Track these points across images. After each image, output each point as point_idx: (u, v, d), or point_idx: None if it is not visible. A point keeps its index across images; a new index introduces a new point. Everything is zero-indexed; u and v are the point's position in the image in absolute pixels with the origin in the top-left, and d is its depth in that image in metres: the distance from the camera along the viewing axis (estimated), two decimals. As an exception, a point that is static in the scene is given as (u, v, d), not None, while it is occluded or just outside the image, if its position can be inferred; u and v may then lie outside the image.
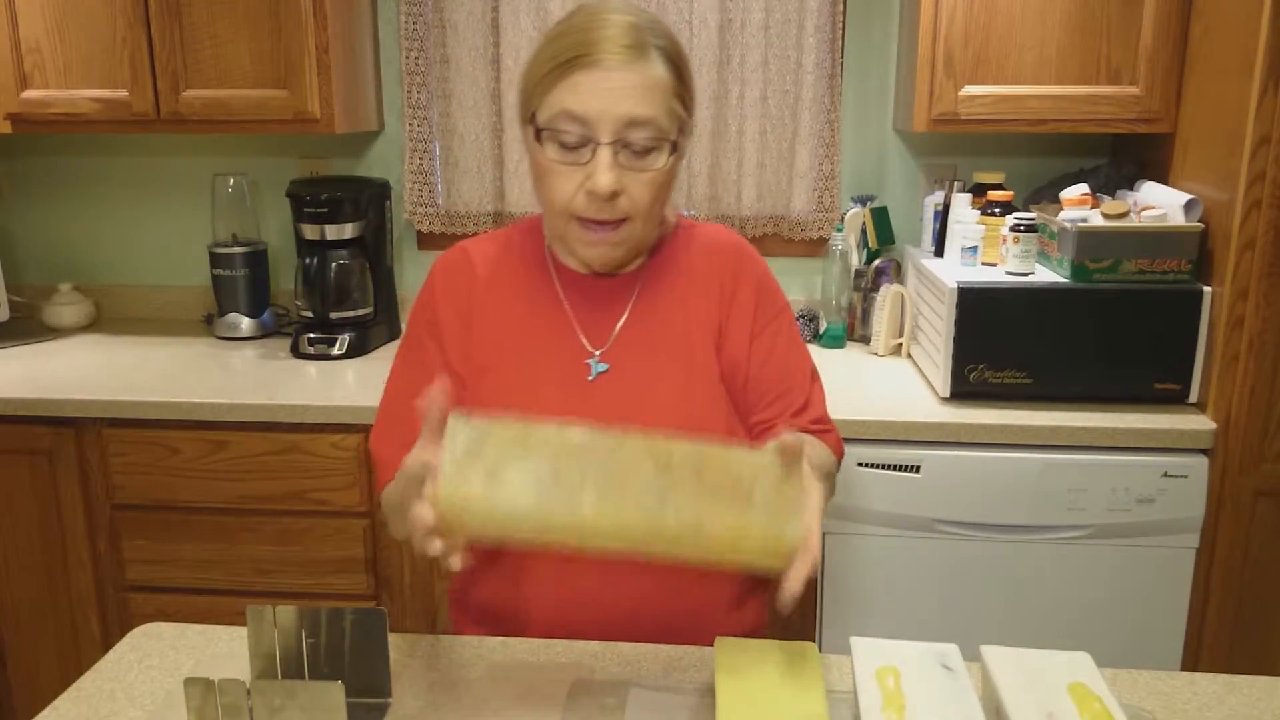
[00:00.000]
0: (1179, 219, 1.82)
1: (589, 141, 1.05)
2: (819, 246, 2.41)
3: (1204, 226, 1.81)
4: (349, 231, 2.23)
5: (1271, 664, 1.85)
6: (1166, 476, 1.77)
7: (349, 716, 0.92)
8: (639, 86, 1.04)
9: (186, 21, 2.09)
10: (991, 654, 0.93)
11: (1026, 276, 1.87)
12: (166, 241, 2.57)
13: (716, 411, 1.16)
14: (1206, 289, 1.79)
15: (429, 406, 0.88)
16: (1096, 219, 1.85)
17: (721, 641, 0.98)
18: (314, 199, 2.19)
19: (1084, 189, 1.93)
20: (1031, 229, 1.87)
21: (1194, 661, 1.86)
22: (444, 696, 1.02)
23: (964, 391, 1.87)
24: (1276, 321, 1.73)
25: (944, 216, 2.12)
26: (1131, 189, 2.04)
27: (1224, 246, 1.76)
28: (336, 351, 2.21)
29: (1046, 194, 2.16)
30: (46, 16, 2.11)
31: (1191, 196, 1.83)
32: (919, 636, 1.85)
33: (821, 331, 2.30)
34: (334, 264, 2.23)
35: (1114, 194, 2.06)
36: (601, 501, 0.84)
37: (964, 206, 2.04)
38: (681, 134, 1.10)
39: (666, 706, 0.98)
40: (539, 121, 1.07)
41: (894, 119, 2.35)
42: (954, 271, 1.93)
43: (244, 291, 2.38)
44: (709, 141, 2.31)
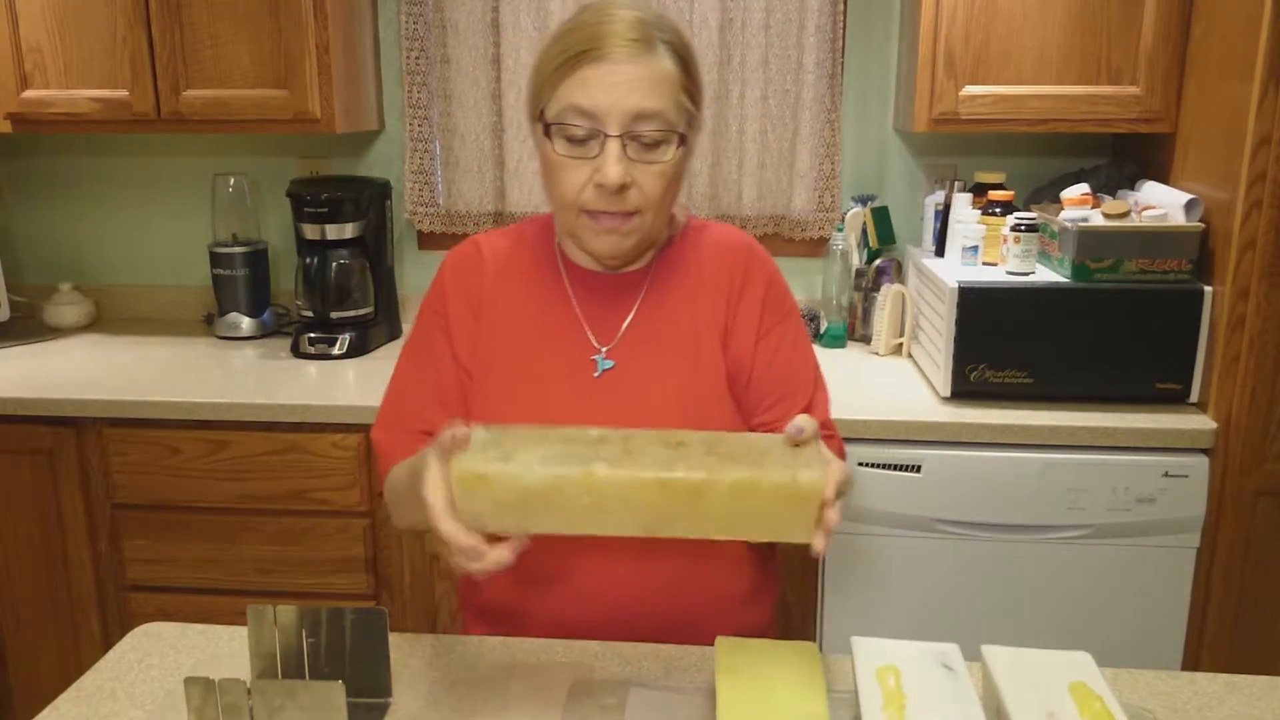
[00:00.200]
0: (1180, 219, 1.82)
1: (597, 135, 1.05)
2: (819, 246, 2.41)
3: (1205, 226, 1.81)
4: (349, 231, 2.23)
5: (1272, 663, 1.85)
6: (1167, 476, 1.77)
7: (349, 716, 0.92)
8: (646, 80, 1.04)
9: (187, 21, 2.09)
10: (992, 654, 0.93)
11: (1027, 276, 1.87)
12: (167, 241, 2.57)
13: (722, 410, 1.16)
14: (1207, 289, 1.79)
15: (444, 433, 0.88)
16: (1097, 219, 1.85)
17: (722, 641, 0.98)
18: (314, 199, 2.19)
19: (1085, 189, 1.93)
20: (1032, 229, 1.87)
21: (1194, 661, 1.86)
22: (444, 696, 1.02)
23: (965, 391, 1.87)
24: (1277, 321, 1.73)
25: (945, 216, 2.12)
26: (1132, 189, 2.04)
27: (1225, 246, 1.76)
28: (337, 351, 2.21)
29: (1047, 194, 2.16)
30: (47, 16, 2.11)
31: (1192, 196, 1.83)
32: (919, 636, 1.84)
33: (822, 331, 2.30)
34: (334, 264, 2.23)
35: (1115, 194, 2.06)
36: (613, 467, 0.85)
37: (965, 206, 2.04)
38: (690, 127, 1.11)
39: (667, 706, 0.97)
40: (547, 117, 1.08)
41: (895, 119, 2.34)
42: (955, 271, 1.93)
43: (244, 291, 2.38)
44: (709, 141, 2.31)
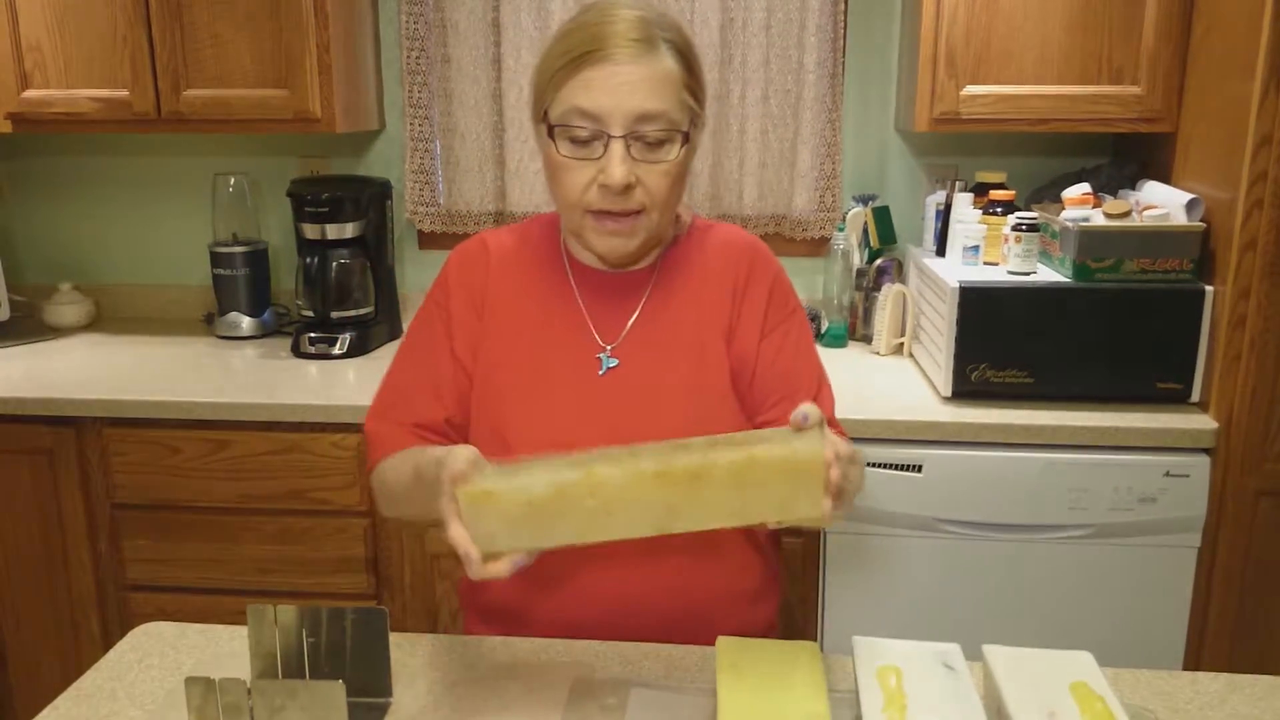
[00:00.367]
0: (1181, 218, 1.82)
1: (601, 136, 1.05)
2: (820, 246, 2.40)
3: (1206, 226, 1.81)
4: (350, 231, 2.23)
5: (1273, 663, 1.85)
6: (1168, 476, 1.77)
7: (349, 716, 0.91)
8: (649, 80, 1.04)
9: (187, 21, 2.09)
10: (993, 653, 0.93)
11: (1028, 276, 1.87)
12: (167, 241, 2.57)
13: (726, 409, 1.16)
14: (1208, 288, 1.79)
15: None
16: (1098, 218, 1.85)
17: (723, 641, 0.98)
18: (315, 198, 2.19)
19: (1086, 188, 1.93)
20: (1033, 228, 1.87)
21: (1196, 661, 1.86)
22: (444, 696, 1.02)
23: (966, 391, 1.87)
24: (1278, 321, 1.72)
25: (946, 216, 2.12)
26: (1133, 188, 2.04)
27: (1226, 246, 1.75)
28: (337, 351, 2.21)
29: (1048, 193, 2.16)
30: (47, 16, 2.11)
31: (1193, 196, 1.83)
32: (921, 636, 1.83)
33: (823, 331, 2.30)
34: (335, 263, 2.23)
35: (1116, 193, 2.06)
36: (613, 464, 0.87)
37: (966, 206, 2.04)
38: (694, 125, 1.11)
39: (668, 706, 0.97)
40: (551, 118, 1.08)
41: (895, 118, 2.34)
42: (956, 271, 1.93)
43: (245, 291, 2.38)
44: (710, 141, 2.31)
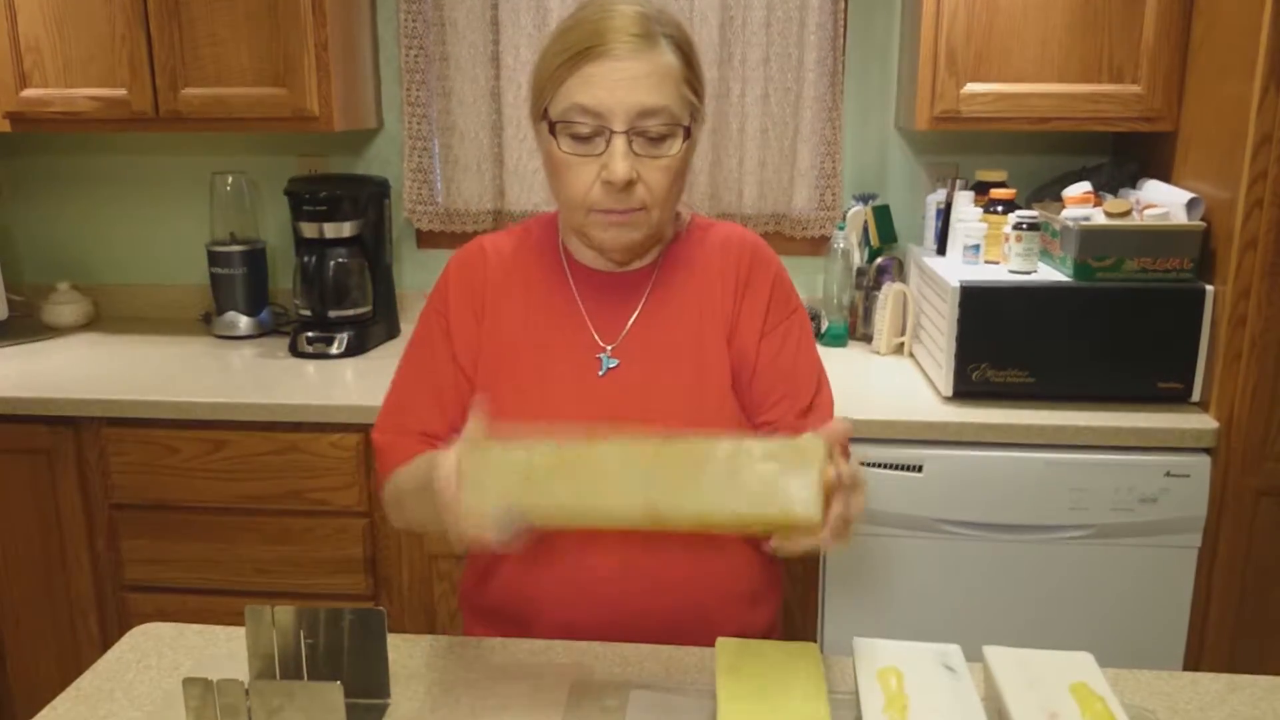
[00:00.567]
0: (1181, 218, 1.82)
1: (603, 132, 1.05)
2: (821, 245, 2.40)
3: (1206, 225, 1.81)
4: (348, 230, 2.23)
5: (1274, 663, 1.85)
6: (1169, 476, 1.77)
7: (348, 717, 0.91)
8: (650, 75, 1.04)
9: (185, 20, 2.08)
10: (994, 654, 0.93)
11: (1029, 275, 1.87)
12: (165, 240, 2.56)
13: (726, 409, 1.16)
14: (1209, 288, 1.79)
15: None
16: (1099, 217, 1.84)
17: (723, 642, 0.97)
18: (313, 197, 2.18)
19: (1086, 187, 1.93)
20: (1034, 227, 1.86)
21: (1196, 661, 1.86)
22: (443, 697, 1.01)
23: (966, 390, 1.87)
24: (1278, 320, 1.72)
25: (946, 215, 2.12)
26: (1134, 187, 2.03)
27: (1226, 245, 1.75)
28: (335, 350, 2.21)
29: (1049, 192, 2.16)
30: (46, 15, 2.11)
31: (1193, 195, 1.83)
32: (921, 637, 1.83)
33: (823, 330, 2.29)
34: (333, 262, 2.22)
35: (1116, 192, 2.06)
36: (614, 440, 0.89)
37: (966, 205, 2.04)
38: (694, 120, 1.10)
39: (667, 708, 0.97)
40: (551, 115, 1.07)
41: (896, 117, 2.34)
42: (956, 270, 1.93)
43: (242, 290, 2.38)
44: (710, 139, 2.30)
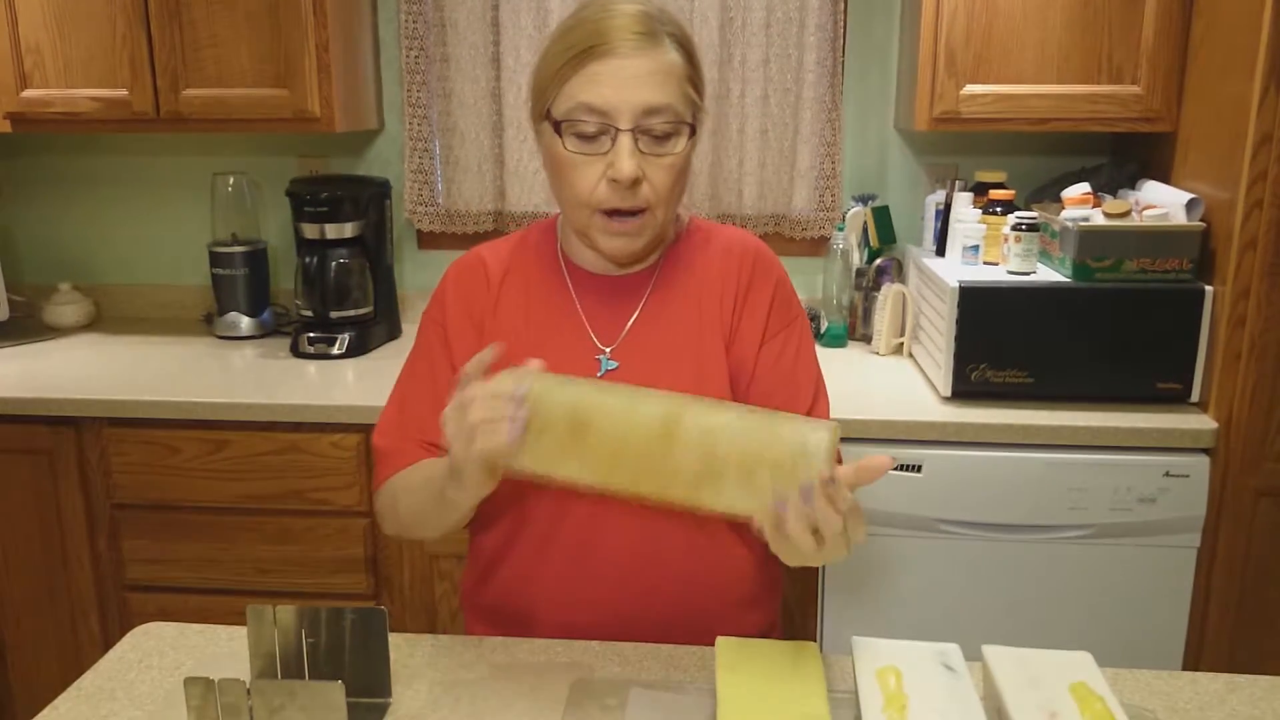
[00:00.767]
0: (1180, 218, 1.82)
1: (608, 130, 1.04)
2: (820, 246, 2.40)
3: (1205, 226, 1.81)
4: (349, 230, 2.23)
5: (1273, 663, 1.85)
6: (1168, 476, 1.77)
7: (349, 716, 0.91)
8: (654, 73, 1.04)
9: (186, 20, 2.08)
10: (993, 654, 0.93)
11: (1028, 276, 1.87)
12: (166, 241, 2.57)
13: None
14: (1208, 288, 1.79)
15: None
16: (1098, 218, 1.85)
17: (723, 641, 0.98)
18: (314, 198, 2.19)
19: (1085, 188, 1.93)
20: (1033, 228, 1.87)
21: (1195, 661, 1.86)
22: (444, 696, 1.02)
23: (965, 391, 1.87)
24: (1278, 321, 1.72)
25: (945, 215, 2.12)
26: (1133, 188, 2.03)
27: (1225, 246, 1.75)
28: (336, 351, 2.21)
29: (1048, 193, 2.16)
30: (46, 16, 2.11)
31: (1193, 196, 1.83)
32: (920, 636, 1.84)
33: (823, 331, 2.29)
34: (334, 263, 2.23)
35: (1115, 193, 2.06)
36: (632, 392, 0.93)
37: (965, 205, 2.04)
38: (695, 118, 1.11)
39: (667, 707, 0.97)
40: (555, 115, 1.07)
41: (895, 118, 2.34)
42: (955, 271, 1.93)
43: (244, 291, 2.38)
44: (710, 140, 2.30)
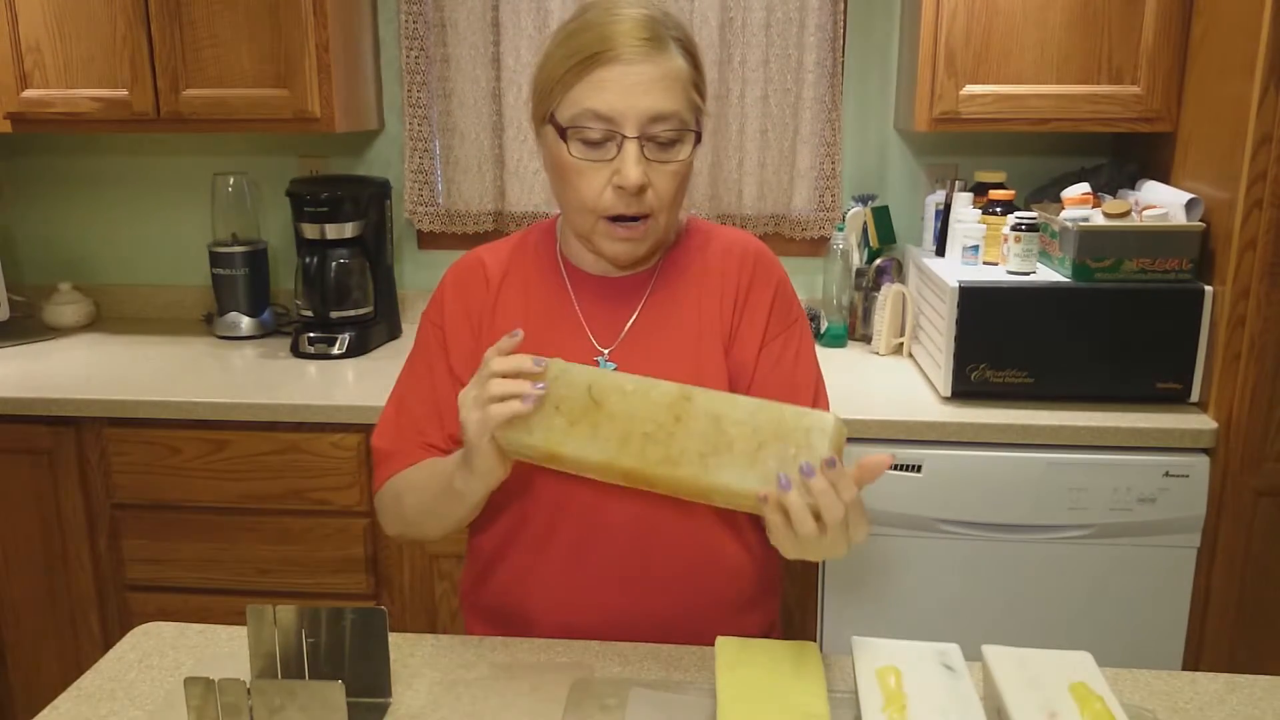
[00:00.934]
0: (1180, 218, 1.82)
1: (614, 137, 1.04)
2: (820, 246, 2.40)
3: (1205, 226, 1.81)
4: (349, 230, 2.23)
5: (1273, 663, 1.85)
6: (1168, 476, 1.77)
7: (349, 716, 0.91)
8: (661, 80, 1.04)
9: (186, 21, 2.09)
10: (993, 653, 0.93)
11: (1028, 276, 1.87)
12: (166, 241, 2.57)
13: None
14: (1208, 288, 1.79)
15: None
16: (1098, 218, 1.85)
17: (723, 641, 0.98)
18: (314, 198, 2.19)
19: (1085, 188, 1.93)
20: (1033, 228, 1.87)
21: (1195, 661, 1.86)
22: (444, 696, 1.02)
23: (965, 391, 1.87)
24: (1278, 321, 1.72)
25: (945, 216, 2.12)
26: (1133, 188, 2.04)
27: (1225, 246, 1.75)
28: (336, 351, 2.21)
29: (1048, 193, 2.16)
30: (46, 16, 2.11)
31: (1193, 196, 1.83)
32: (920, 636, 1.84)
33: (823, 331, 2.29)
34: (334, 263, 2.23)
35: (1115, 193, 2.06)
36: (644, 377, 0.96)
37: (965, 206, 2.04)
38: (700, 124, 1.10)
39: (667, 706, 0.97)
40: (560, 120, 1.06)
41: (895, 118, 2.34)
42: (955, 271, 1.93)
43: (244, 291, 2.38)
44: (709, 140, 2.31)
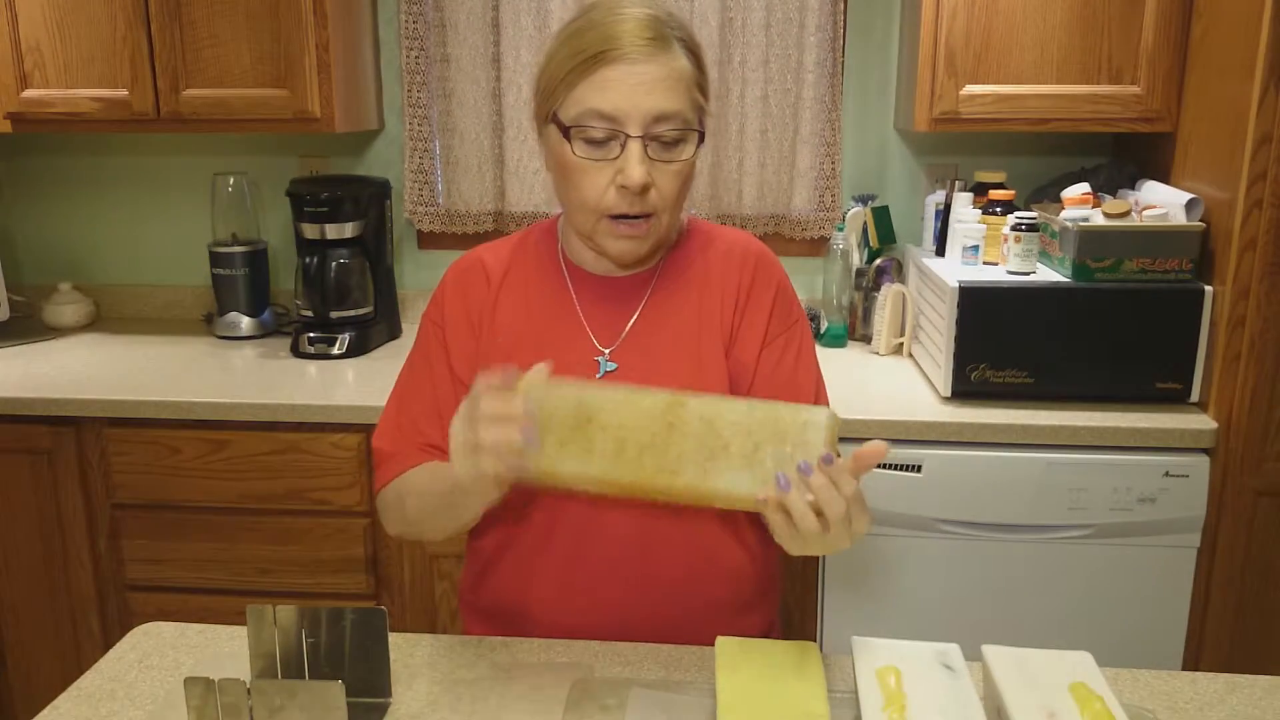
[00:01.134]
0: (1180, 218, 1.82)
1: (618, 136, 1.04)
2: (820, 246, 2.40)
3: (1205, 226, 1.81)
4: (349, 231, 2.23)
5: (1273, 663, 1.85)
6: (1168, 476, 1.77)
7: (349, 716, 0.91)
8: (665, 79, 1.04)
9: (186, 21, 2.09)
10: (993, 653, 0.93)
11: (1028, 276, 1.87)
12: (166, 241, 2.57)
13: None
14: (1208, 288, 1.79)
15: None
16: (1098, 218, 1.85)
17: (723, 642, 0.98)
18: (314, 198, 2.19)
19: (1085, 188, 1.93)
20: (1033, 228, 1.87)
21: (1195, 661, 1.86)
22: (444, 696, 1.02)
23: (965, 391, 1.87)
24: (1277, 321, 1.73)
25: (945, 216, 2.12)
26: (1133, 188, 2.04)
27: (1225, 246, 1.75)
28: (336, 351, 2.21)
29: (1048, 193, 2.16)
30: (47, 16, 2.11)
31: (1193, 196, 1.83)
32: (920, 636, 1.83)
33: (823, 331, 2.29)
34: (334, 263, 2.23)
35: (1115, 193, 2.06)
36: (632, 388, 0.95)
37: (965, 206, 2.04)
38: (702, 124, 1.10)
39: (667, 707, 0.97)
40: (563, 119, 1.06)
41: (895, 118, 2.34)
42: (955, 271, 1.93)
43: (244, 291, 2.38)
44: (710, 140, 2.30)
